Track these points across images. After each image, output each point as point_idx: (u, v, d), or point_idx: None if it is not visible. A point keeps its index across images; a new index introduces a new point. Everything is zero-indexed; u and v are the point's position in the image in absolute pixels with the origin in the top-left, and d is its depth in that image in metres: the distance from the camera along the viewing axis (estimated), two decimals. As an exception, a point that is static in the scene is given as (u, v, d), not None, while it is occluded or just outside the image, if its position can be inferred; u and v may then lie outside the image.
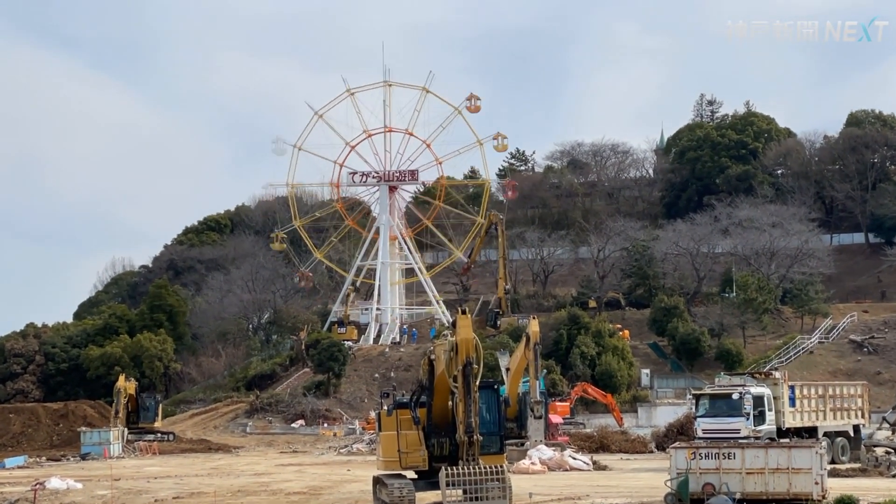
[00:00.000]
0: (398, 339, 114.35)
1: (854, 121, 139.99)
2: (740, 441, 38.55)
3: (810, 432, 50.28)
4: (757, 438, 45.62)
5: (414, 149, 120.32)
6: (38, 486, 43.72)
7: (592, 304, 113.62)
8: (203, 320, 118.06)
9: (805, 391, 51.61)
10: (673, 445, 35.52)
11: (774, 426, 48.90)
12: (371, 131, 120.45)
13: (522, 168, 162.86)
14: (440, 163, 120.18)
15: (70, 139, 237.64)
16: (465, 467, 29.50)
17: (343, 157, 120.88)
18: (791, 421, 50.01)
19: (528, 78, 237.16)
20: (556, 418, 66.38)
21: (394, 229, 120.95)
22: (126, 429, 75.38)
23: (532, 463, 49.87)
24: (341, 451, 71.04)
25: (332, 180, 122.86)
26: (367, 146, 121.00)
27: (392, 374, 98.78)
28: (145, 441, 75.48)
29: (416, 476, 32.46)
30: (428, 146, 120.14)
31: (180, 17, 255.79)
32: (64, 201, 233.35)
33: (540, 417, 56.20)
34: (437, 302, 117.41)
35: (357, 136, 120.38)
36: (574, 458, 52.08)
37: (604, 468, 51.24)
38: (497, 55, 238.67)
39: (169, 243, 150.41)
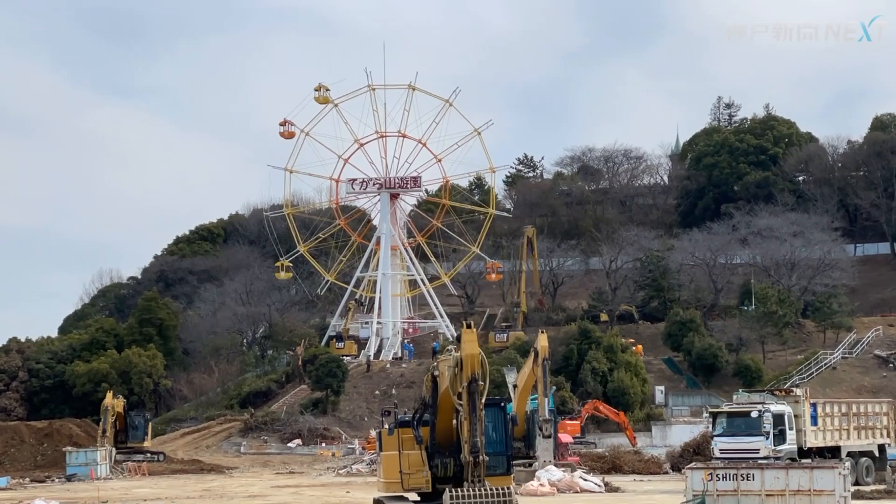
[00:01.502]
0: (399, 355, 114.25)
1: (879, 125, 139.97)
2: (759, 461, 38.61)
3: (833, 452, 50.19)
4: (777, 459, 45.58)
5: (410, 150, 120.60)
6: (21, 508, 43.80)
7: (604, 317, 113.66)
8: (195, 334, 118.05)
9: (828, 409, 51.49)
10: (689, 466, 35.56)
11: (795, 446, 48.81)
12: (362, 140, 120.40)
13: (530, 175, 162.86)
14: (440, 160, 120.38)
15: (88, 163, 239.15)
16: (471, 489, 29.49)
17: (338, 172, 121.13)
18: (813, 440, 49.91)
19: (538, 105, 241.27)
20: (565, 437, 66.40)
21: (395, 239, 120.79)
22: (114, 448, 75.34)
23: (540, 484, 49.82)
24: (340, 471, 71.11)
25: (330, 197, 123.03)
26: (361, 157, 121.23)
27: (394, 391, 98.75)
28: (134, 461, 75.41)
29: (418, 498, 32.49)
30: (424, 145, 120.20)
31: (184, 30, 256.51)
32: (57, 212, 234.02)
33: (549, 436, 56.16)
34: (441, 315, 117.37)
35: (349, 147, 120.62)
36: (585, 480, 52.02)
37: (616, 490, 51.16)
38: (505, 97, 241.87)
39: (159, 254, 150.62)
